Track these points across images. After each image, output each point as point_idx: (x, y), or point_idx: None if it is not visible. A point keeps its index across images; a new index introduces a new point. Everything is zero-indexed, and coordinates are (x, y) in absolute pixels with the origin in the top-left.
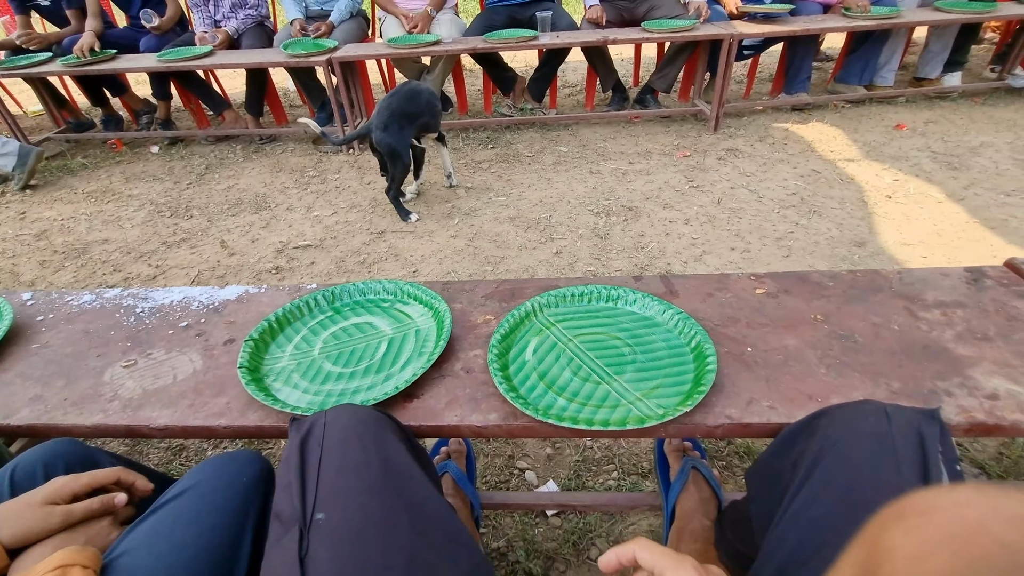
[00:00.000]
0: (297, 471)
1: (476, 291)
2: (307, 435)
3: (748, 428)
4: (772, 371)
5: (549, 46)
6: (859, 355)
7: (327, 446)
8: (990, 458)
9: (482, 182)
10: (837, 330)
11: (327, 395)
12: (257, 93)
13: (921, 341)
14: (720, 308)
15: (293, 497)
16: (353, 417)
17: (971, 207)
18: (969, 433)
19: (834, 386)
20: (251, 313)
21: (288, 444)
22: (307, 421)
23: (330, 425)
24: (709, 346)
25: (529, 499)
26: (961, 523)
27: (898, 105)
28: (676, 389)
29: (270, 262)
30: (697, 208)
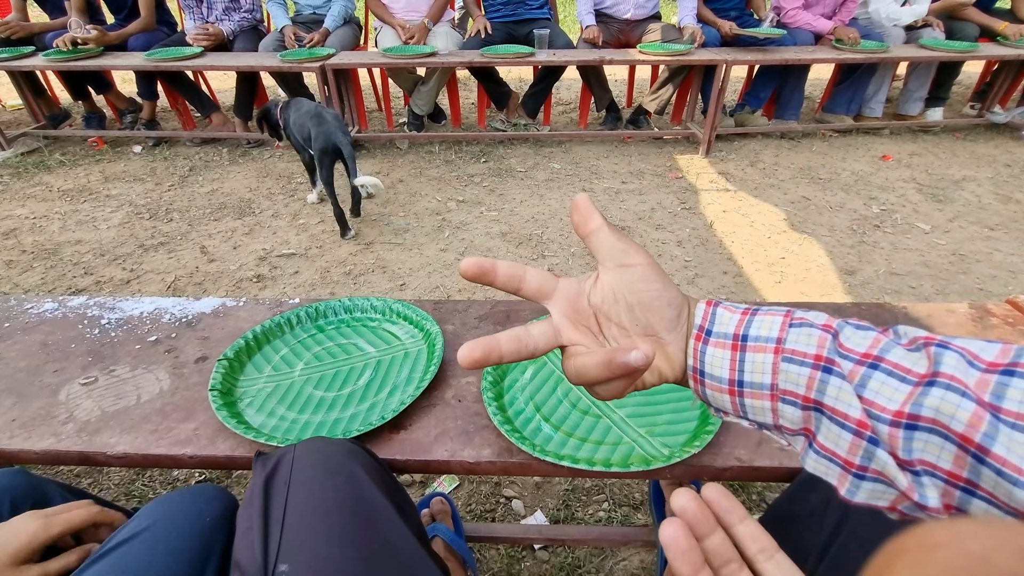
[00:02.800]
0: (260, 514)
1: (469, 312)
2: (273, 472)
3: (759, 471)
4: None
5: (546, 63)
6: None
7: (294, 485)
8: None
9: (474, 196)
10: None
11: (305, 424)
12: (247, 96)
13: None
14: None
15: (254, 544)
16: (324, 451)
17: (957, 239)
18: None
19: None
20: (227, 328)
21: (252, 482)
22: (274, 456)
23: (298, 461)
24: None
25: (516, 532)
26: (966, 557)
27: (884, 136)
28: (681, 427)
29: (252, 270)
30: (689, 230)
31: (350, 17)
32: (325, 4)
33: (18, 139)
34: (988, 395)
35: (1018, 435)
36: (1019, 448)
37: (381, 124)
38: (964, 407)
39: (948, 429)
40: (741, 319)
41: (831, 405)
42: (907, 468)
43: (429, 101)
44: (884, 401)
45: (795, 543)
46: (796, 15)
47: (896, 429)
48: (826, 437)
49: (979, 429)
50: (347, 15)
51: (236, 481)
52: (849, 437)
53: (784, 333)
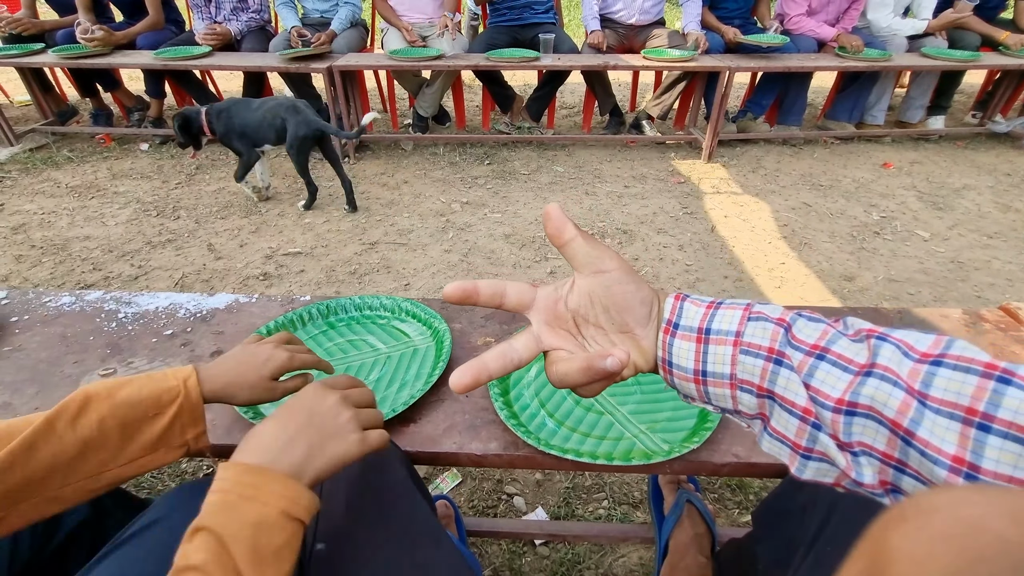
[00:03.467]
0: None
1: (476, 311)
2: None
3: (755, 468)
4: None
5: (550, 67)
6: None
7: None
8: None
9: (477, 198)
10: None
11: None
12: (255, 96)
13: None
14: None
15: None
16: None
17: (956, 247)
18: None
19: None
20: (240, 324)
21: None
22: None
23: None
24: None
25: (518, 527)
26: (962, 522)
27: (885, 144)
28: (681, 423)
29: (258, 268)
30: (691, 234)
31: (357, 20)
32: (332, 8)
33: (27, 135)
34: (918, 383)
35: (941, 419)
36: (940, 431)
37: (386, 125)
38: (895, 395)
39: (881, 415)
40: (705, 313)
41: (781, 394)
42: (846, 449)
43: (434, 103)
44: (828, 389)
45: (786, 537)
46: (800, 22)
47: (837, 415)
48: (777, 422)
49: (907, 415)
50: (354, 19)
51: None
52: (796, 422)
53: (742, 327)
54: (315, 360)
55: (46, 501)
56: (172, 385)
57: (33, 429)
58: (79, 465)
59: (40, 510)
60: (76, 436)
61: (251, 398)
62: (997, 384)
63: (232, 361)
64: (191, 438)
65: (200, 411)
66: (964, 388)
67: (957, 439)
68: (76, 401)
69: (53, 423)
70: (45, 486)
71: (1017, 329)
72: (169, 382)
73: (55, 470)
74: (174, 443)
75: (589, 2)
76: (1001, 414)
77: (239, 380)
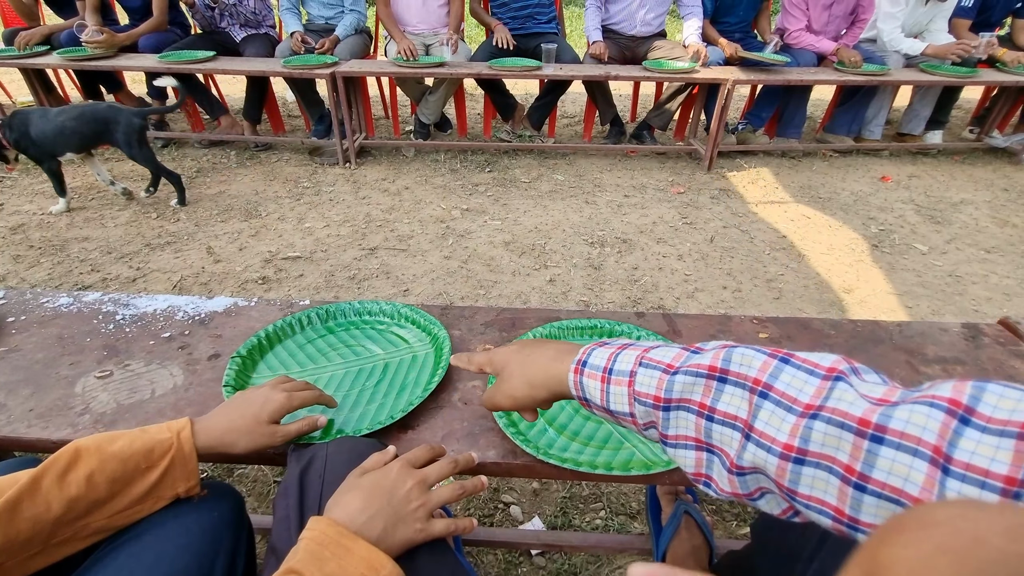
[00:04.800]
0: (296, 504)
1: (475, 318)
2: (307, 467)
3: None
4: None
5: (552, 77)
6: None
7: (328, 480)
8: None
9: (478, 205)
10: None
11: None
12: (257, 100)
13: None
14: None
15: (292, 531)
16: (355, 449)
17: (953, 261)
18: None
19: None
20: (239, 327)
21: (287, 475)
22: (307, 452)
23: (331, 457)
24: None
25: (514, 536)
26: (961, 536)
27: (883, 158)
28: None
29: (257, 272)
30: (690, 245)
31: (361, 28)
32: (337, 15)
33: None
34: (796, 440)
35: (809, 471)
36: (779, 426)
37: (388, 131)
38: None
39: (724, 452)
40: (610, 355)
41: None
42: (668, 441)
43: (436, 110)
44: (682, 430)
45: (787, 549)
46: (799, 37)
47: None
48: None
49: (736, 453)
50: (358, 26)
51: (237, 480)
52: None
53: (636, 367)
54: (315, 396)
55: (28, 558)
56: (164, 438)
57: (18, 489)
58: (64, 522)
59: (22, 568)
60: (63, 494)
61: (251, 445)
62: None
63: (227, 409)
64: (182, 491)
65: (192, 465)
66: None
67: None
68: (65, 457)
69: (39, 481)
70: (27, 547)
71: (1016, 344)
72: (162, 435)
73: (38, 530)
74: (164, 495)
75: (592, 13)
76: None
77: (236, 427)
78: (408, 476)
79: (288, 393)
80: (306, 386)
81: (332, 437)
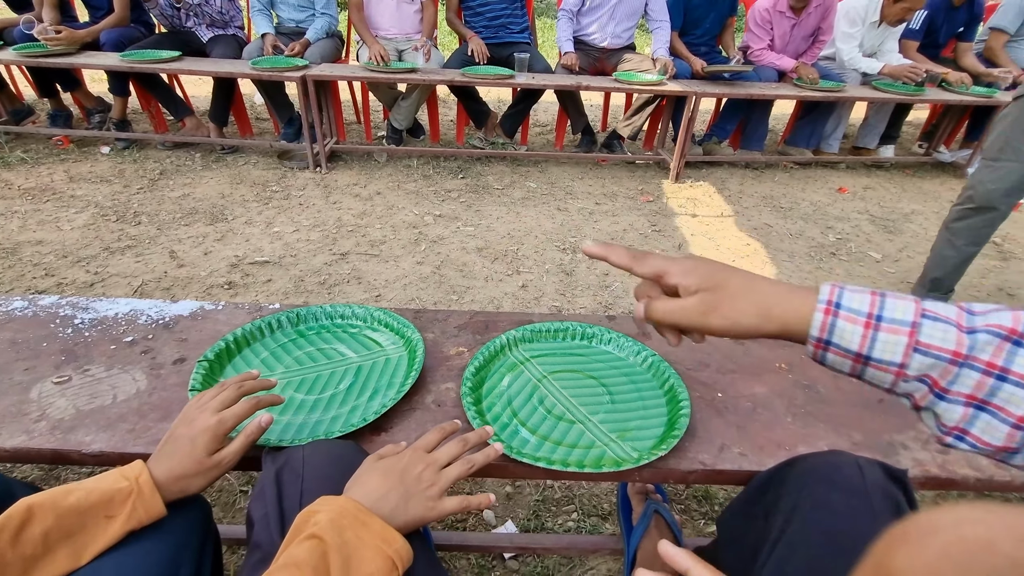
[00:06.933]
0: (275, 502)
1: (449, 321)
2: (283, 467)
3: (720, 475)
4: (742, 418)
5: (525, 86)
6: (822, 405)
7: (308, 476)
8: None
9: (451, 211)
10: (801, 380)
11: (286, 426)
12: (224, 102)
13: (877, 394)
14: (691, 352)
15: (272, 528)
16: (333, 451)
17: (905, 268)
18: (924, 486)
19: (801, 435)
20: (206, 331)
21: (262, 476)
22: (283, 454)
23: (309, 458)
24: (682, 390)
25: (487, 540)
26: (968, 542)
27: (840, 170)
28: (649, 432)
29: (223, 276)
30: (659, 252)
31: (333, 32)
32: (308, 18)
33: None
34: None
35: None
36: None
37: (360, 136)
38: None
39: (1005, 409)
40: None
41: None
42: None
43: (409, 116)
44: (961, 387)
45: (750, 542)
46: (761, 55)
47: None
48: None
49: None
50: (330, 29)
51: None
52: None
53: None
54: (249, 407)
55: None
56: (123, 486)
57: None
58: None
59: None
60: (17, 554)
61: (206, 482)
62: None
63: (168, 453)
64: (148, 522)
65: (157, 508)
66: None
67: None
68: (17, 516)
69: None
70: None
71: None
72: (120, 483)
73: None
74: (128, 531)
75: (563, 24)
76: None
77: (183, 473)
78: (420, 459)
79: (218, 417)
80: (238, 391)
81: (305, 441)
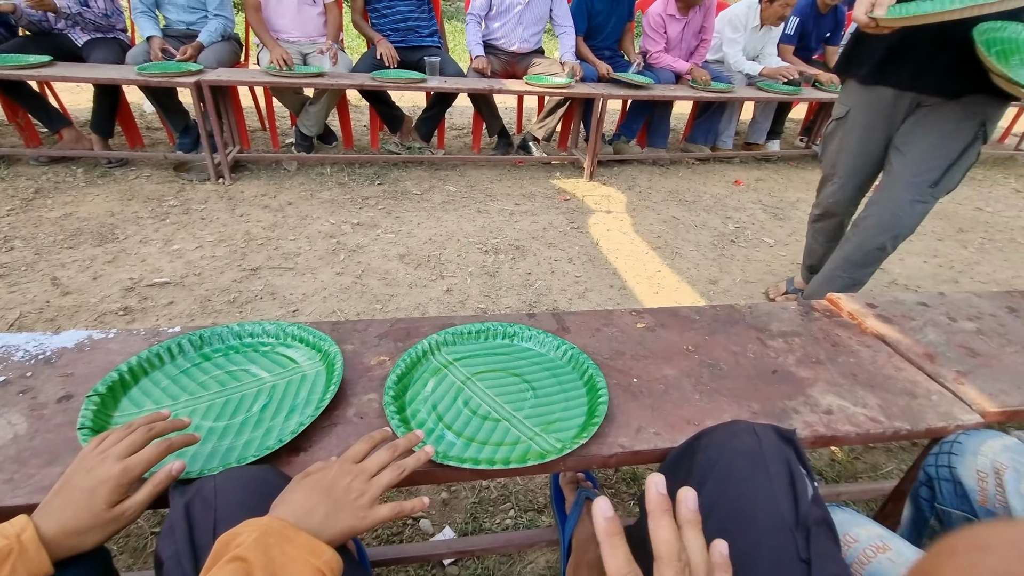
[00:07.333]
0: (186, 539)
1: (369, 331)
2: (193, 499)
3: (639, 455)
4: (656, 400)
5: (437, 90)
6: (725, 381)
7: (221, 507)
8: (825, 465)
9: (369, 218)
10: (706, 359)
11: (194, 455)
12: (107, 111)
13: (771, 366)
14: (608, 342)
15: (184, 566)
16: (248, 477)
17: (794, 251)
18: (814, 445)
19: (707, 410)
20: (96, 363)
21: (171, 513)
22: (192, 487)
23: (221, 487)
24: (600, 379)
25: (424, 549)
26: (1016, 560)
27: (735, 164)
28: (572, 422)
29: (116, 302)
30: (578, 248)
31: (229, 34)
32: (200, 20)
33: None
34: None
35: None
36: None
37: (266, 144)
38: None
39: None
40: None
41: None
42: None
43: (318, 122)
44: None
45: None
46: (659, 57)
47: None
48: None
49: None
50: (225, 32)
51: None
52: None
53: None
54: (160, 451)
55: None
56: (1, 546)
57: None
58: None
59: None
60: None
61: (102, 537)
62: None
63: (59, 503)
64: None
65: (43, 568)
66: None
67: None
68: None
69: None
70: None
71: (839, 316)
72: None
73: None
74: None
75: (472, 28)
76: None
77: (76, 528)
78: (348, 471)
79: (122, 464)
80: (147, 434)
81: (216, 470)
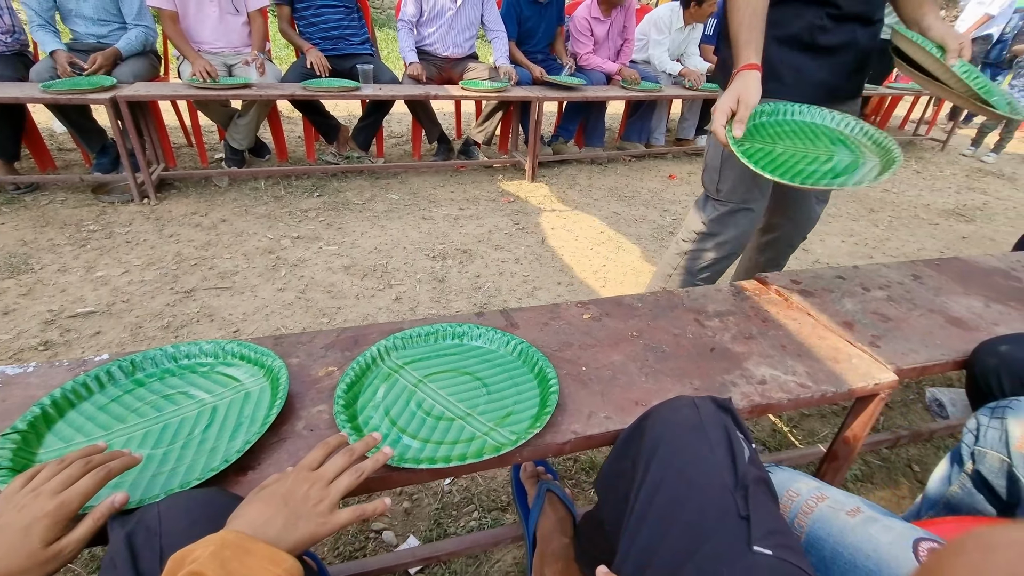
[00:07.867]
0: (129, 569)
1: (315, 342)
2: (135, 528)
3: (591, 440)
4: (604, 385)
5: (372, 97)
6: (668, 362)
7: (166, 534)
8: (767, 435)
9: (310, 231)
10: (650, 343)
11: (133, 484)
12: (11, 133)
13: (709, 344)
14: (556, 335)
15: None
16: (194, 501)
17: None
18: (752, 413)
19: (653, 390)
20: (13, 399)
21: (111, 545)
22: (132, 516)
23: (165, 513)
24: (550, 370)
25: (389, 561)
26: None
27: (668, 160)
28: (526, 414)
29: (35, 336)
30: (525, 248)
31: (151, 46)
32: (113, 32)
33: None
34: None
35: None
36: None
37: (194, 161)
38: None
39: None
40: None
41: None
42: None
43: (248, 135)
44: None
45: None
46: (589, 59)
47: None
48: None
49: None
50: (147, 42)
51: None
52: None
53: None
54: (98, 481)
55: None
56: None
57: None
58: None
59: None
60: None
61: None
62: None
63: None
64: None
65: None
66: None
67: None
68: None
69: None
70: None
71: (767, 294)
72: None
73: None
74: None
75: (404, 34)
76: None
77: (11, 568)
78: (304, 479)
79: (58, 500)
80: (84, 467)
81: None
